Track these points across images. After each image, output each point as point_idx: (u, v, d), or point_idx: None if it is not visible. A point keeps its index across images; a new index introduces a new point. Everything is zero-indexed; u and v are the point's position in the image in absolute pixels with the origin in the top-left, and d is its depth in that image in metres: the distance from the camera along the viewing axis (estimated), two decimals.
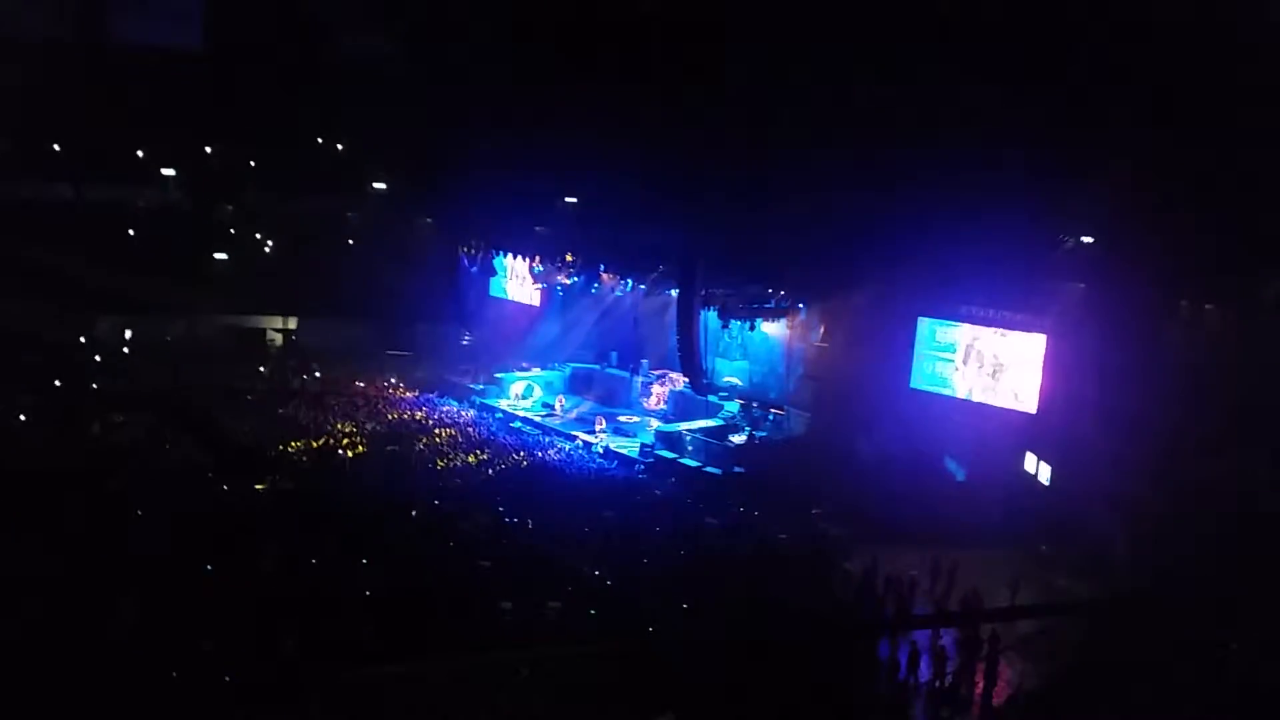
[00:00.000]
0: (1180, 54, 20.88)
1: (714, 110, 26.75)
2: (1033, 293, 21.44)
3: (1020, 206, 21.17)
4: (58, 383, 26.83)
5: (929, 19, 24.23)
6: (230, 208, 36.29)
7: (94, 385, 27.47)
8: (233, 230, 36.16)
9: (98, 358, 30.18)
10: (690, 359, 27.08)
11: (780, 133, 25.46)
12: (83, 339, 31.34)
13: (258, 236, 36.27)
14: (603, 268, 30.00)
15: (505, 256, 33.40)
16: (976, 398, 22.38)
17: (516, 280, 33.66)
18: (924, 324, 23.22)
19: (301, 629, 13.88)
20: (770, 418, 27.02)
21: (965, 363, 22.55)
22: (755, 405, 27.64)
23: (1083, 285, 21.15)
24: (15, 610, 13.83)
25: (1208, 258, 19.66)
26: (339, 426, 25.85)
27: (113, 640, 13.46)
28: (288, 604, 14.79)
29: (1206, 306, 20.09)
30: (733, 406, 27.47)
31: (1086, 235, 21.35)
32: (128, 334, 32.42)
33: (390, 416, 27.60)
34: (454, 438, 25.94)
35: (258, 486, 20.53)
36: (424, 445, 24.81)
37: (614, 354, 32.17)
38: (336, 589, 15.64)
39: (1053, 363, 20.98)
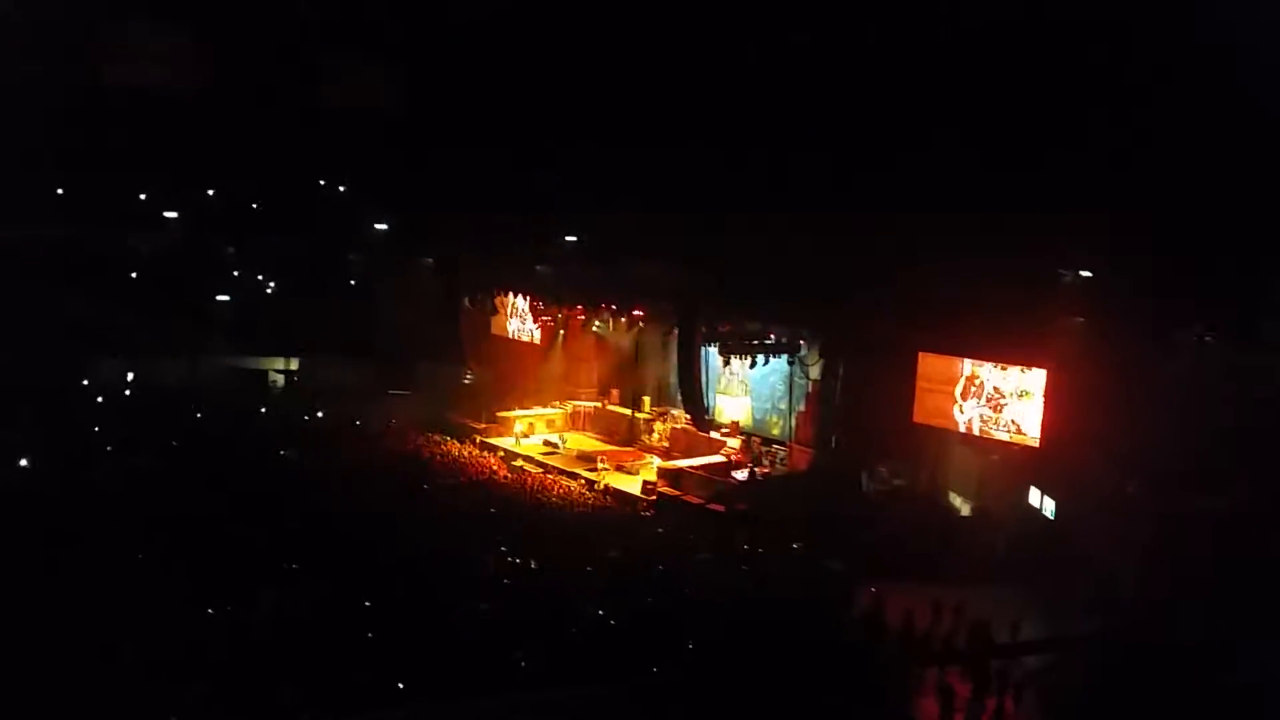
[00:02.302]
0: (1176, 90, 21.14)
1: (715, 147, 27.00)
2: (1033, 326, 21.50)
3: (1018, 241, 21.33)
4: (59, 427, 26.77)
5: (928, 55, 24.56)
6: (232, 249, 36.52)
7: (95, 429, 27.41)
8: (235, 272, 36.37)
9: (100, 399, 30.19)
10: (692, 396, 27.11)
11: (784, 169, 25.66)
12: (85, 381, 31.36)
13: (259, 278, 36.43)
14: (602, 305, 30.19)
15: (506, 295, 33.55)
16: (977, 431, 22.38)
17: (518, 318, 33.78)
18: (925, 359, 23.25)
19: (299, 674, 13.77)
20: (773, 454, 27.08)
21: (966, 397, 22.57)
22: (758, 441, 27.66)
23: (1082, 319, 21.25)
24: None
25: (1206, 291, 19.77)
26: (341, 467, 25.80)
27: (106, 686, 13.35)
28: (285, 648, 14.69)
29: (1206, 339, 20.15)
30: (734, 443, 27.46)
31: (1085, 269, 21.49)
32: (129, 376, 32.45)
33: (393, 456, 27.58)
34: (456, 477, 25.91)
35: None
36: (426, 485, 24.78)
37: (615, 391, 32.22)
38: (335, 633, 15.53)
39: (1054, 396, 20.99)
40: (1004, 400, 21.89)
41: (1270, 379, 19.29)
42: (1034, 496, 21.23)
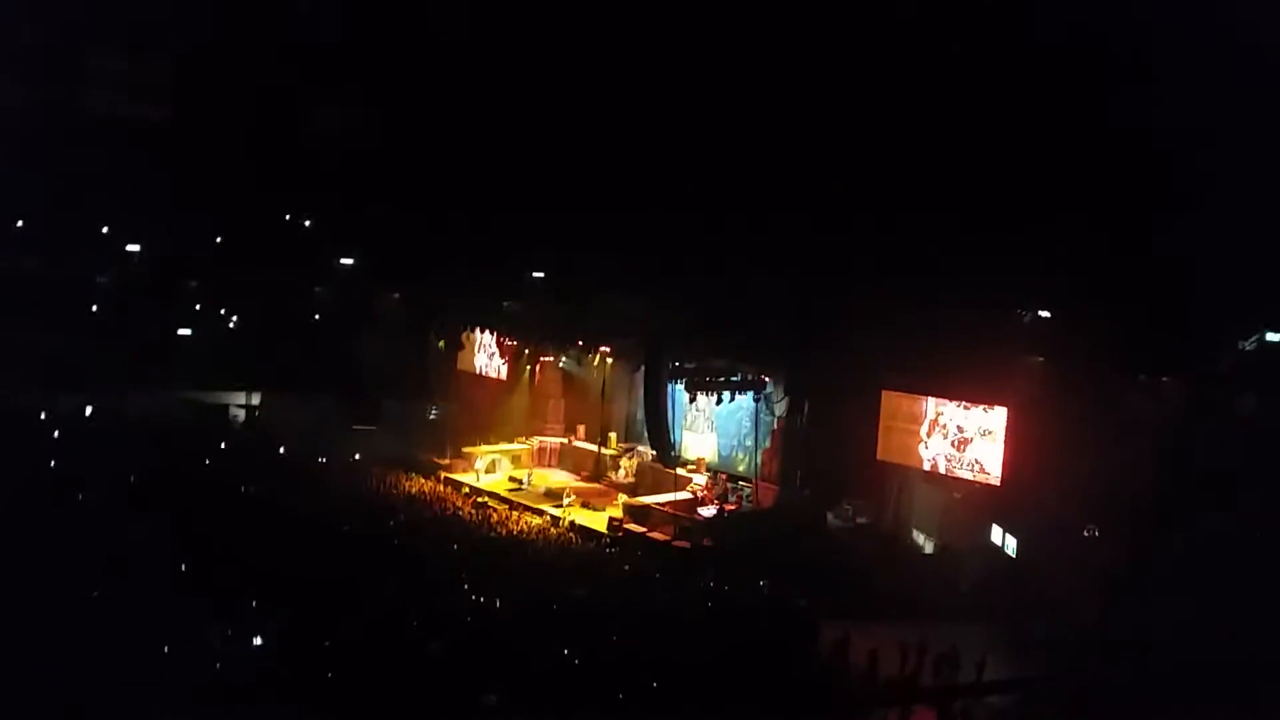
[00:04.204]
0: (1135, 132, 21.67)
1: (682, 186, 27.24)
2: (994, 366, 21.77)
3: (979, 281, 21.66)
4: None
5: (891, 100, 25.00)
6: (195, 283, 36.20)
7: (51, 462, 26.90)
8: (197, 305, 36.03)
9: (56, 433, 29.65)
10: (658, 432, 27.12)
11: (748, 209, 25.95)
12: (43, 414, 30.82)
13: (222, 312, 36.10)
14: (569, 342, 30.23)
15: (473, 330, 33.47)
16: (942, 469, 22.55)
17: (485, 354, 33.71)
18: (889, 397, 23.45)
19: (256, 714, 13.51)
20: (739, 491, 27.12)
21: (930, 435, 22.76)
22: (724, 478, 27.69)
23: (1042, 359, 21.54)
24: None
25: (1163, 331, 20.14)
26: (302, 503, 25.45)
27: None
28: (241, 687, 14.41)
29: (1163, 379, 20.49)
30: (701, 479, 27.46)
31: (1044, 310, 21.82)
32: (88, 409, 31.94)
33: (356, 492, 27.27)
34: (419, 513, 25.67)
35: None
36: (393, 521, 24.52)
37: (581, 427, 32.16)
38: (292, 671, 15.27)
39: (1016, 435, 21.22)
40: (967, 439, 22.10)
41: (1227, 417, 19.64)
42: (996, 534, 21.40)
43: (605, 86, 29.07)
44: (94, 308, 34.80)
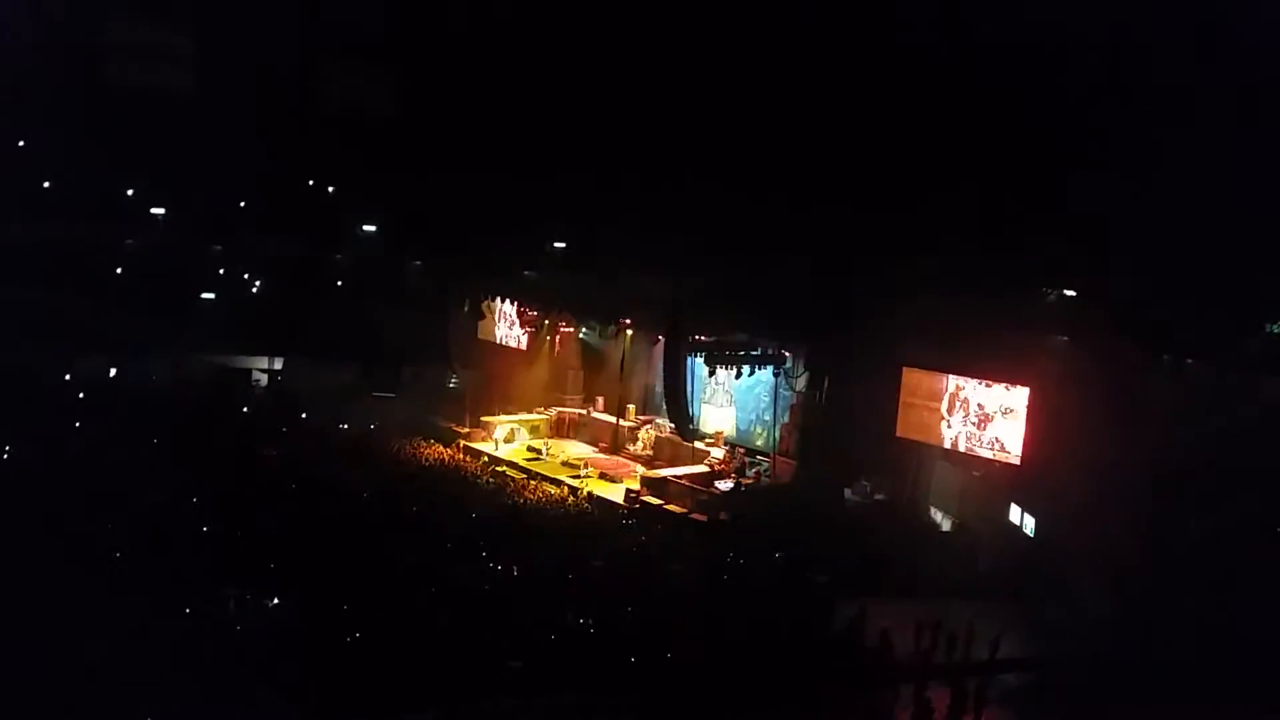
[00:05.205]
0: (1165, 111, 21.35)
1: (703, 158, 27.08)
2: (1017, 344, 21.60)
3: (1003, 258, 21.48)
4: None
5: (913, 72, 24.73)
6: (219, 248, 36.40)
7: (75, 424, 27.24)
8: (221, 270, 36.25)
9: (81, 395, 30.01)
10: (677, 405, 27.11)
11: (769, 182, 25.77)
12: (66, 376, 31.18)
13: (246, 277, 36.30)
14: (589, 313, 30.24)
15: (494, 300, 33.51)
16: (962, 448, 22.44)
17: (505, 323, 33.76)
18: (909, 374, 23.32)
19: (274, 679, 13.67)
20: (757, 465, 27.14)
21: (950, 412, 22.65)
22: (742, 452, 27.71)
23: (1066, 339, 21.36)
24: None
25: (1189, 313, 19.93)
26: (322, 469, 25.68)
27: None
28: (258, 652, 14.57)
29: (1188, 361, 20.28)
30: (719, 453, 27.49)
31: (1069, 289, 21.62)
32: (112, 372, 32.30)
33: (375, 458, 27.47)
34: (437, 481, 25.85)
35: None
36: (409, 489, 24.68)
37: (600, 398, 32.23)
38: (310, 637, 15.43)
39: (1037, 415, 21.08)
40: (988, 417, 21.97)
41: (1250, 400, 19.45)
42: (1014, 514, 21.33)
43: (634, 58, 28.86)
44: (119, 271, 35.07)
